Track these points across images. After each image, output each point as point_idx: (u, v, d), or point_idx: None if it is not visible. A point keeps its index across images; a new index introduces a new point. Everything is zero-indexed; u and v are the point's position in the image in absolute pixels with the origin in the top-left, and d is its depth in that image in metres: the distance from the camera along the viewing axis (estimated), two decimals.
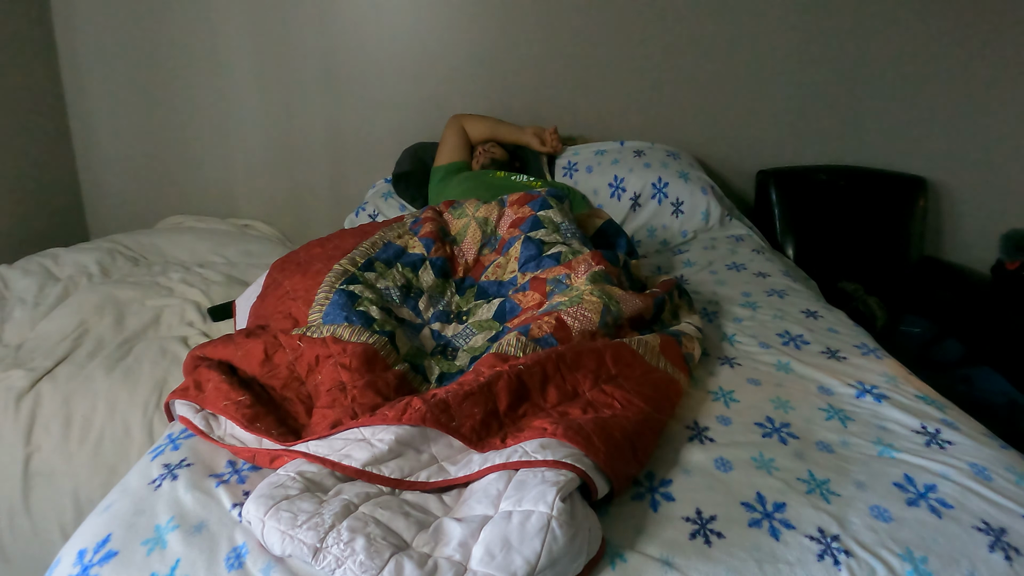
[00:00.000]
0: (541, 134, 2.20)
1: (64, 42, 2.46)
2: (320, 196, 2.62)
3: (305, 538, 0.71)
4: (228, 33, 2.42)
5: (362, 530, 0.72)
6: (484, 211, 1.50)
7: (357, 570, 0.68)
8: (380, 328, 1.10)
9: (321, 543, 0.70)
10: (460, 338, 1.22)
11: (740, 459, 0.94)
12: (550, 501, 0.71)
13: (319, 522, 0.72)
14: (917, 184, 2.35)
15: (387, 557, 0.69)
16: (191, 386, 1.02)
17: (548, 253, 1.33)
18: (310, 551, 0.70)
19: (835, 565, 0.76)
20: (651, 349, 1.07)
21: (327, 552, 0.70)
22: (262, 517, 0.74)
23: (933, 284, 2.27)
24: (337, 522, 0.73)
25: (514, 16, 2.35)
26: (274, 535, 0.73)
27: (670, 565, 0.75)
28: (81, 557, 0.79)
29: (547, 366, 0.96)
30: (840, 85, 2.36)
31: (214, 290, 1.87)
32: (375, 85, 2.45)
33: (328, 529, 0.72)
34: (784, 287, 1.58)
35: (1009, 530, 0.81)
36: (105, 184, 2.64)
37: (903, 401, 1.08)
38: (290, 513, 0.73)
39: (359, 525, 0.73)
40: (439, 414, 0.85)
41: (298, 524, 0.72)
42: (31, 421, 1.41)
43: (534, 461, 0.79)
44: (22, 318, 1.72)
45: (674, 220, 2.07)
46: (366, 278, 1.26)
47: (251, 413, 0.93)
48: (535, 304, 1.22)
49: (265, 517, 0.74)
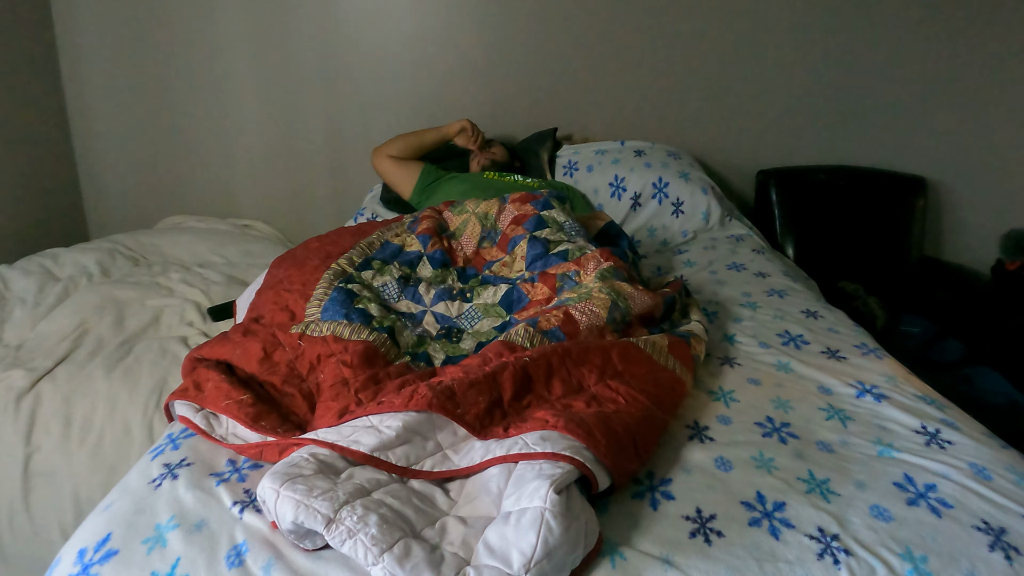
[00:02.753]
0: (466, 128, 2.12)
1: (65, 42, 2.46)
2: (320, 196, 2.62)
3: (320, 507, 0.72)
4: (228, 33, 2.42)
5: (376, 510, 0.73)
6: (484, 207, 1.50)
7: (368, 543, 0.69)
8: (379, 325, 1.11)
9: (335, 514, 0.71)
10: (465, 319, 1.22)
11: (740, 458, 0.94)
12: (544, 494, 0.72)
13: (334, 496, 0.74)
14: (917, 184, 2.35)
15: (397, 537, 0.70)
16: (190, 387, 1.02)
17: (554, 251, 1.34)
18: (323, 520, 0.71)
19: (835, 564, 0.76)
20: (659, 349, 1.07)
21: (340, 523, 0.71)
22: (277, 488, 0.75)
23: (933, 284, 2.27)
24: (352, 499, 0.74)
25: (514, 16, 2.35)
26: (288, 504, 0.73)
27: (670, 563, 0.75)
28: (81, 556, 0.79)
29: (553, 359, 0.97)
30: (840, 85, 2.36)
31: (214, 290, 1.87)
32: (375, 85, 2.45)
33: (343, 503, 0.73)
34: (784, 287, 1.58)
35: (1009, 530, 0.81)
36: (105, 184, 2.64)
37: (903, 401, 1.08)
38: (305, 486, 0.75)
39: (373, 506, 0.74)
40: (445, 401, 0.86)
41: (313, 495, 0.73)
42: (31, 421, 1.41)
43: (534, 453, 0.79)
44: (22, 318, 1.72)
45: (674, 220, 2.07)
46: (363, 278, 1.26)
47: (254, 412, 0.94)
48: (544, 298, 1.22)
49: (281, 488, 0.74)
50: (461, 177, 2.02)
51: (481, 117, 2.41)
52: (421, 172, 2.03)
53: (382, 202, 2.20)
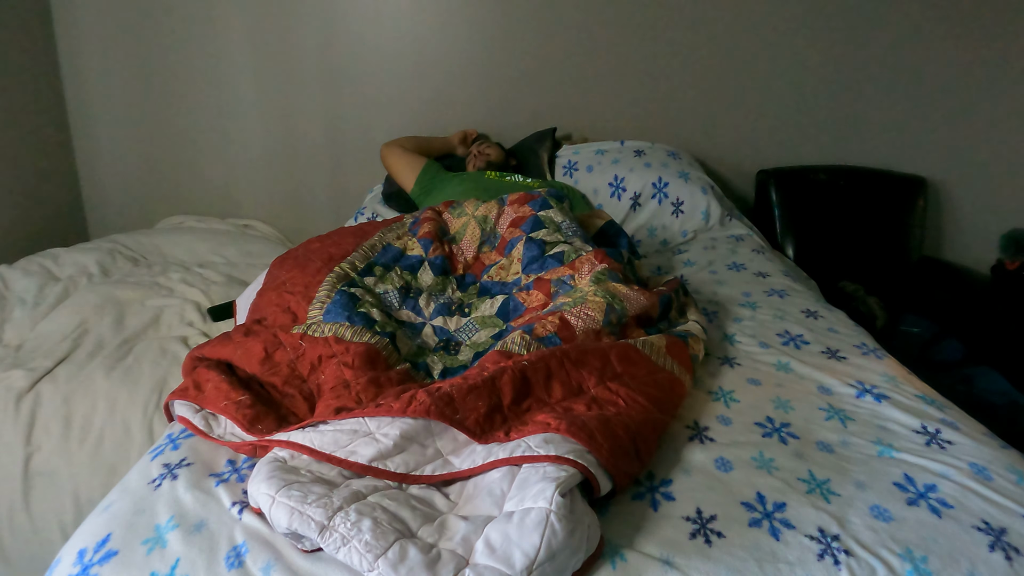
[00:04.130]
0: (465, 138, 2.28)
1: (65, 42, 2.46)
2: (320, 196, 2.62)
3: (314, 514, 0.72)
4: (228, 34, 2.42)
5: (369, 514, 0.73)
6: (483, 209, 1.50)
7: (362, 549, 0.69)
8: (381, 329, 1.11)
9: (329, 521, 0.71)
10: (463, 332, 1.22)
11: (740, 459, 0.94)
12: (549, 496, 0.72)
13: (328, 502, 0.74)
14: (917, 184, 2.35)
15: (392, 540, 0.70)
16: (190, 386, 1.02)
17: (551, 253, 1.33)
18: (317, 527, 0.71)
19: (835, 565, 0.76)
20: (657, 349, 1.07)
21: (334, 530, 0.71)
22: (273, 494, 0.75)
23: (933, 284, 2.27)
24: (346, 505, 0.74)
25: (514, 17, 2.35)
26: (282, 510, 0.73)
27: (670, 564, 0.75)
28: (81, 556, 0.79)
29: (551, 362, 0.96)
30: (840, 85, 2.36)
31: (214, 290, 1.87)
32: (375, 85, 2.45)
33: (337, 509, 0.73)
34: (784, 287, 1.58)
35: (1009, 530, 0.81)
36: (105, 184, 2.64)
37: (903, 401, 1.08)
38: (300, 492, 0.75)
39: (367, 510, 0.74)
40: (444, 407, 0.85)
41: (308, 502, 0.73)
42: (31, 421, 1.41)
43: (537, 456, 0.79)
44: (22, 318, 1.72)
45: (674, 220, 2.07)
46: (365, 283, 1.26)
47: (252, 414, 0.94)
48: (539, 304, 1.22)
49: (276, 494, 0.75)
50: (462, 176, 2.02)
51: (481, 117, 2.41)
52: (424, 166, 2.05)
53: (383, 198, 2.21)
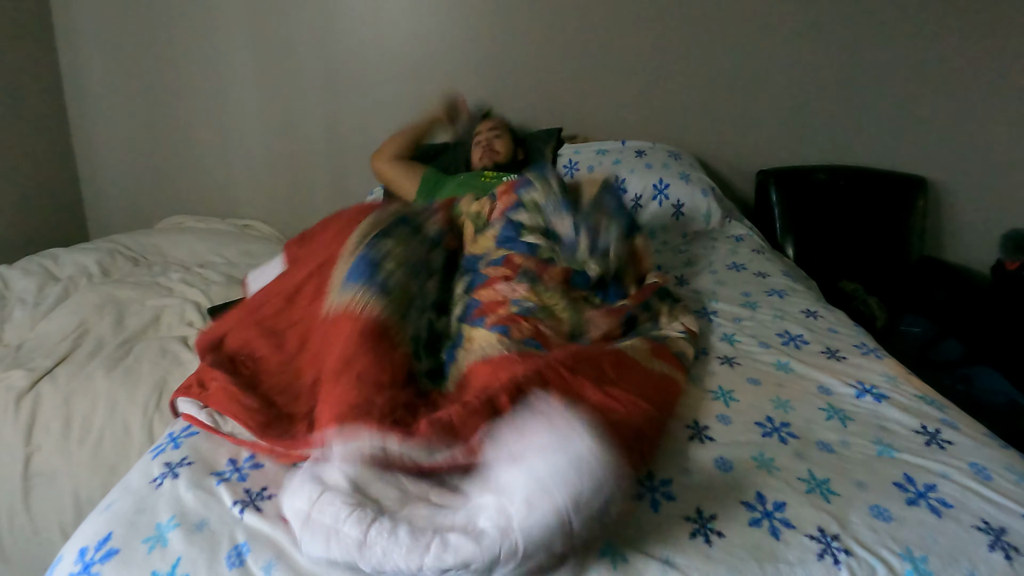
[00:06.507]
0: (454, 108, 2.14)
1: (64, 42, 2.46)
2: (320, 196, 2.62)
3: (351, 532, 0.70)
4: (228, 33, 2.42)
5: (404, 519, 0.72)
6: (477, 206, 1.50)
7: (404, 554, 0.68)
8: (394, 297, 1.09)
9: (365, 536, 0.70)
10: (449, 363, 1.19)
11: (740, 458, 0.94)
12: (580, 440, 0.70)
13: (362, 516, 0.72)
14: (917, 184, 2.35)
15: (430, 536, 0.69)
16: (194, 383, 1.02)
17: (525, 239, 1.33)
18: (356, 544, 0.70)
19: (835, 564, 0.76)
20: (642, 353, 1.07)
21: (373, 547, 0.69)
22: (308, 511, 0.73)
23: (933, 284, 2.27)
24: (378, 515, 0.72)
25: (515, 17, 2.35)
26: (319, 536, 0.72)
27: (670, 564, 0.75)
28: (82, 555, 0.80)
29: (547, 374, 0.95)
30: (840, 85, 2.36)
31: (214, 290, 1.87)
32: (375, 85, 2.45)
33: (371, 521, 0.71)
34: (784, 287, 1.58)
35: (1009, 530, 0.81)
36: (105, 184, 2.64)
37: (903, 401, 1.08)
38: (333, 507, 0.72)
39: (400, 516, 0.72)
40: (444, 436, 0.84)
41: (342, 519, 0.71)
42: (31, 421, 1.41)
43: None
44: (22, 318, 1.72)
45: (675, 222, 2.07)
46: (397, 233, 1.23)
47: (263, 419, 0.93)
48: (500, 276, 1.22)
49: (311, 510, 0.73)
50: (460, 180, 2.02)
51: None
52: (423, 177, 2.01)
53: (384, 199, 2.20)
